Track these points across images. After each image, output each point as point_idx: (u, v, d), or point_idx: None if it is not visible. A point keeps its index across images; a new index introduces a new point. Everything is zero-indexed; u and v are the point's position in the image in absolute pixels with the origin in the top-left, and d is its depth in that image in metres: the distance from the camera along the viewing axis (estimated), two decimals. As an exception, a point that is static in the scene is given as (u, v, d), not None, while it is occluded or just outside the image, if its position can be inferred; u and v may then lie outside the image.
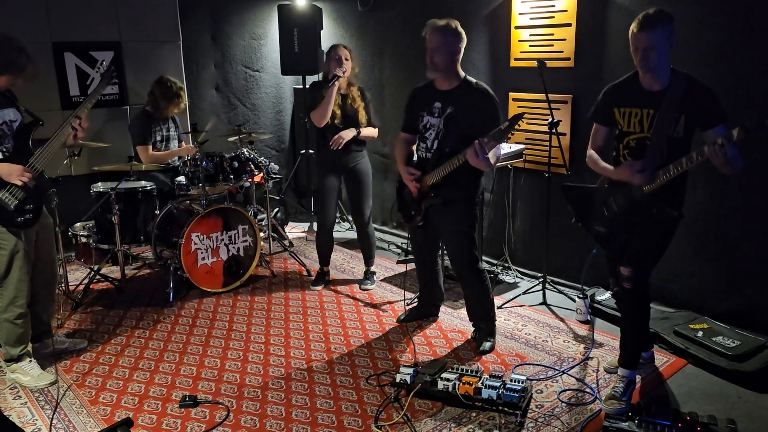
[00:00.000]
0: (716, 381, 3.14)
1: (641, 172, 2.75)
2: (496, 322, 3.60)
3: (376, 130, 4.27)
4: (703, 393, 3.05)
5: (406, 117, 3.53)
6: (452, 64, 3.26)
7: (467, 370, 3.03)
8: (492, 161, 3.16)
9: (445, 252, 4.25)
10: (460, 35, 3.24)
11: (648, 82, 2.78)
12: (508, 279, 4.54)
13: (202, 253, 4.29)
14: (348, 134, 4.09)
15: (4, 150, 3.06)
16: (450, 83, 3.31)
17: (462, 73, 3.32)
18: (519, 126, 3.02)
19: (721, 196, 3.55)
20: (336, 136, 4.08)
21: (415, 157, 3.54)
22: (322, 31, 5.98)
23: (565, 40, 4.15)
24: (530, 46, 4.37)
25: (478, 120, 3.18)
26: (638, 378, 3.10)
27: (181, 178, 4.68)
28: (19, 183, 3.02)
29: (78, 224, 4.67)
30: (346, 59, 4.03)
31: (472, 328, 3.66)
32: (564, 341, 3.61)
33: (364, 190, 4.29)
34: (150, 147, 4.83)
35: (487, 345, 3.50)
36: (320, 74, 5.96)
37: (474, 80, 3.32)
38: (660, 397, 3.03)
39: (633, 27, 2.68)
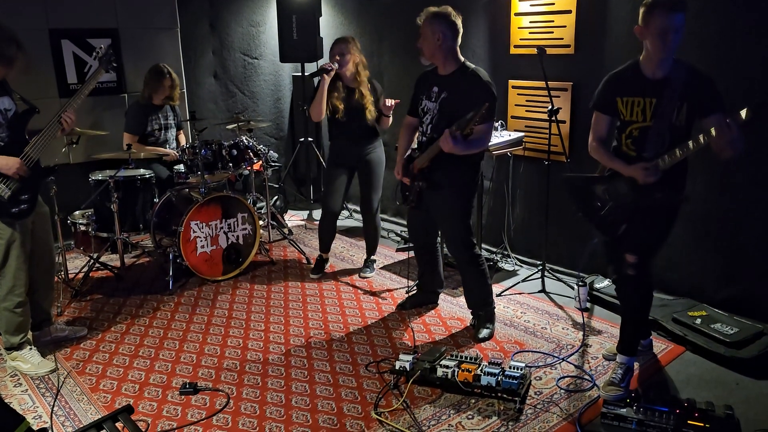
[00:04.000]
0: (714, 368, 3.16)
1: (654, 176, 2.72)
2: (496, 310, 3.61)
3: (390, 120, 4.18)
4: (701, 380, 3.07)
5: (412, 100, 3.57)
6: (439, 51, 3.26)
7: (466, 357, 3.04)
8: (470, 147, 3.18)
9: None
10: (450, 23, 3.24)
11: (651, 70, 2.75)
12: (508, 267, 4.55)
13: (201, 241, 4.29)
14: (389, 105, 4.02)
15: None
16: (447, 68, 3.33)
17: (461, 59, 3.33)
18: (493, 109, 3.07)
19: (721, 184, 3.54)
20: (388, 103, 3.98)
21: (415, 144, 3.55)
22: (321, 18, 5.95)
23: (565, 27, 4.12)
24: (530, 33, 4.34)
25: (470, 104, 3.12)
26: (636, 365, 3.11)
27: (180, 166, 4.67)
28: (16, 177, 3.01)
29: (77, 212, 4.66)
30: (342, 54, 4.01)
31: (471, 316, 3.67)
32: (563, 328, 3.63)
33: (374, 181, 4.27)
34: (137, 137, 4.79)
35: (485, 332, 3.51)
36: (318, 63, 5.95)
37: (471, 66, 3.33)
38: (658, 384, 3.05)
39: (656, 10, 2.61)
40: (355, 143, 4.16)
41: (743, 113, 2.42)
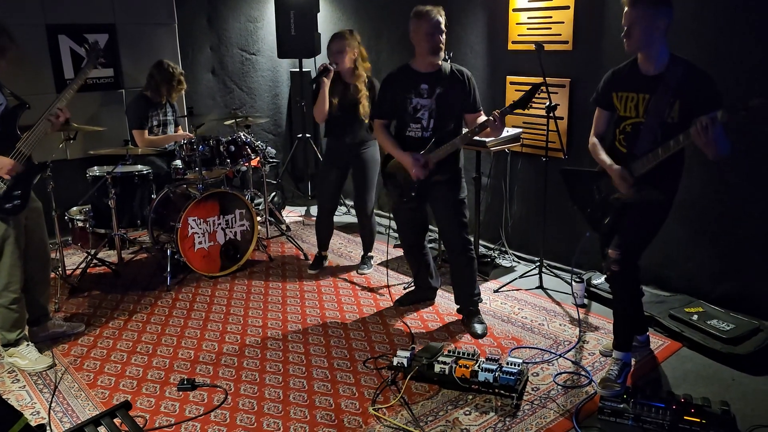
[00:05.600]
0: (710, 364, 3.17)
1: (630, 186, 2.78)
2: (494, 306, 3.61)
3: None
4: (698, 375, 3.08)
5: (384, 103, 3.54)
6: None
7: (464, 353, 3.05)
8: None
9: (438, 237, 4.25)
10: None
11: (645, 66, 2.77)
12: (505, 263, 4.55)
13: (199, 237, 4.29)
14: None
15: None
16: (433, 66, 3.40)
17: None
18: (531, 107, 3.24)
19: (717, 181, 3.55)
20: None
21: None
22: (318, 14, 5.93)
23: (563, 23, 4.12)
24: (528, 29, 4.33)
25: (465, 98, 3.40)
26: (633, 361, 3.12)
27: (178, 162, 4.66)
28: (7, 177, 3.00)
29: (74, 208, 4.65)
30: (339, 51, 4.00)
31: (462, 314, 3.67)
32: (560, 325, 3.63)
33: (368, 179, 4.26)
34: (146, 131, 4.80)
35: (479, 328, 3.52)
36: (316, 60, 5.94)
37: (449, 61, 3.48)
38: (655, 380, 3.06)
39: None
40: (349, 139, 4.15)
41: (719, 114, 2.42)
